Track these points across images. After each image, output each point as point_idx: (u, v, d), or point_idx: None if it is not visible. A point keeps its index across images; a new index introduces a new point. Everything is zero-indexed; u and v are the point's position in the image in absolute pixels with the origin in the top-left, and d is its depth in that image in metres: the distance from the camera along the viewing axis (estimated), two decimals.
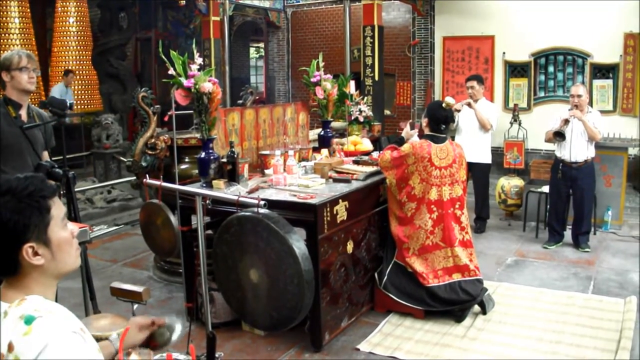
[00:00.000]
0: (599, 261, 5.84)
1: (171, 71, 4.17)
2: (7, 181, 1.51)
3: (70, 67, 9.74)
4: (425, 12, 9.52)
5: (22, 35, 8.80)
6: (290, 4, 11.54)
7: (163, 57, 4.22)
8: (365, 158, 5.15)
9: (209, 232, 4.23)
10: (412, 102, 10.31)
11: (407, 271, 4.48)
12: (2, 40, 8.60)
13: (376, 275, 4.62)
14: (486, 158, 6.80)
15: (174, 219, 3.78)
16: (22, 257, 1.49)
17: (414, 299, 4.45)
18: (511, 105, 8.56)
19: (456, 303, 4.42)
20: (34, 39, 9.16)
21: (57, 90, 9.97)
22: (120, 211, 7.81)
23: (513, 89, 8.80)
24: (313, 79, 5.42)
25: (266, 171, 4.75)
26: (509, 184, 7.33)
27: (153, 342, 2.05)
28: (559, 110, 6.54)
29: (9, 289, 1.52)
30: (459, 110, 6.56)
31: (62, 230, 1.56)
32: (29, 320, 1.39)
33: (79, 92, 9.85)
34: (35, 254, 1.50)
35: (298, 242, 3.34)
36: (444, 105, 4.57)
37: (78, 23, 9.82)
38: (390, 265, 4.56)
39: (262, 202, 3.13)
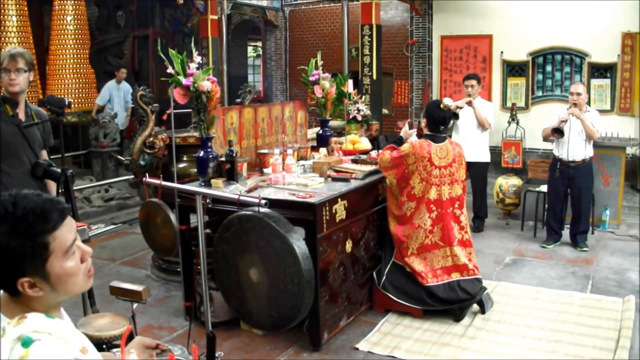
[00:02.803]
0: (597, 260, 5.84)
1: (169, 70, 4.16)
2: (4, 202, 1.37)
3: (68, 65, 9.70)
4: (423, 11, 9.52)
5: (20, 33, 8.76)
6: (288, 2, 11.55)
7: (162, 55, 4.21)
8: (364, 157, 5.15)
9: (208, 231, 4.22)
10: (409, 101, 10.31)
11: (406, 271, 4.48)
12: None
13: (375, 274, 4.62)
14: (484, 157, 6.81)
15: (173, 218, 3.77)
16: (19, 287, 1.40)
17: (413, 299, 4.45)
18: (509, 104, 8.56)
19: (455, 302, 4.42)
20: (31, 37, 9.12)
21: (107, 87, 9.96)
22: (118, 210, 7.80)
23: (511, 88, 8.80)
24: (311, 78, 5.41)
25: (265, 170, 4.75)
26: (507, 183, 7.34)
27: None
28: (556, 110, 6.54)
29: (10, 301, 1.45)
30: (460, 108, 6.56)
31: (65, 262, 1.44)
32: (26, 343, 1.32)
33: (77, 90, 9.81)
34: (33, 286, 1.41)
35: (298, 242, 3.34)
36: (442, 106, 4.55)
37: (75, 21, 9.76)
38: (389, 265, 4.56)
39: (263, 201, 3.12)
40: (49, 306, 1.48)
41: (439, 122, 4.52)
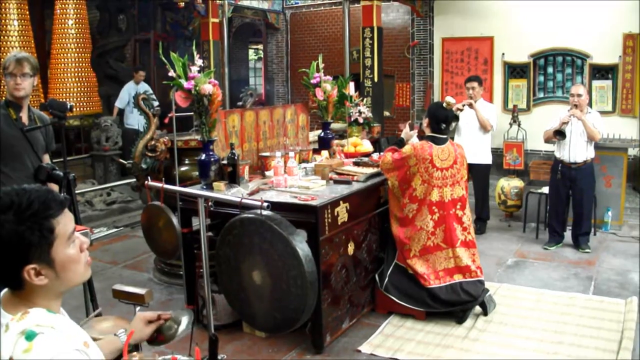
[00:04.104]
0: (600, 262, 5.84)
1: (171, 73, 4.17)
2: (9, 195, 1.43)
3: (69, 69, 9.71)
4: (424, 13, 9.53)
5: (21, 37, 8.77)
6: (289, 5, 11.56)
7: (163, 59, 4.22)
8: (366, 159, 5.15)
9: (210, 234, 4.23)
10: (411, 104, 10.31)
11: (408, 273, 4.48)
12: (1, 43, 8.58)
13: (377, 276, 4.61)
14: (486, 159, 6.81)
15: (176, 221, 3.77)
16: (24, 276, 1.43)
17: (415, 301, 4.45)
18: (510, 106, 8.57)
19: (457, 304, 4.41)
20: (33, 41, 9.13)
21: (126, 89, 9.92)
22: (120, 213, 7.81)
23: (512, 90, 8.81)
24: (313, 81, 5.42)
25: (267, 173, 4.75)
26: (509, 185, 7.33)
27: (160, 336, 2.05)
28: (558, 111, 6.55)
29: (12, 298, 1.48)
30: (461, 110, 6.56)
31: (68, 248, 1.49)
32: (30, 337, 1.35)
33: (78, 94, 9.82)
34: (38, 274, 1.44)
35: (301, 244, 3.34)
36: (444, 104, 4.58)
37: (77, 25, 9.78)
38: (391, 267, 4.56)
39: (265, 204, 3.12)
40: (52, 298, 1.51)
41: (442, 121, 4.52)
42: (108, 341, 1.93)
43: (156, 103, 5.07)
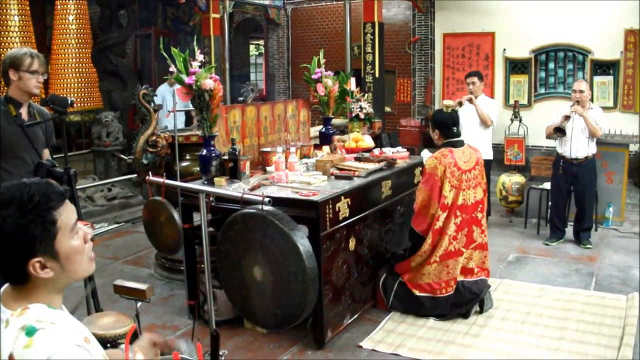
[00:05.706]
0: (601, 258, 5.83)
1: (172, 68, 4.16)
2: (9, 189, 1.43)
3: (70, 64, 9.68)
4: (426, 9, 9.52)
5: (22, 33, 8.74)
6: (290, 1, 11.54)
7: (164, 54, 4.21)
8: (367, 155, 5.13)
9: (211, 229, 4.22)
10: (412, 99, 10.31)
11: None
12: (1, 38, 8.55)
13: (382, 291, 4.57)
14: (487, 154, 6.79)
15: (177, 216, 3.77)
16: (29, 270, 1.43)
17: (424, 314, 4.42)
18: (512, 101, 8.56)
19: (463, 304, 4.39)
20: (33, 37, 9.10)
21: (160, 91, 9.82)
22: (121, 209, 7.80)
23: (513, 86, 8.80)
24: (314, 76, 5.41)
25: (268, 168, 4.74)
26: (510, 180, 7.33)
27: None
28: (559, 107, 6.54)
29: (13, 294, 1.48)
30: (461, 104, 6.54)
31: (72, 240, 1.49)
32: (30, 332, 1.35)
33: (79, 89, 9.81)
34: (44, 267, 1.44)
35: (302, 240, 3.33)
36: (444, 109, 4.52)
37: (77, 20, 9.75)
38: (396, 285, 4.52)
39: (266, 199, 3.12)
40: (54, 292, 1.51)
41: (450, 124, 4.46)
42: (112, 354, 1.92)
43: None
